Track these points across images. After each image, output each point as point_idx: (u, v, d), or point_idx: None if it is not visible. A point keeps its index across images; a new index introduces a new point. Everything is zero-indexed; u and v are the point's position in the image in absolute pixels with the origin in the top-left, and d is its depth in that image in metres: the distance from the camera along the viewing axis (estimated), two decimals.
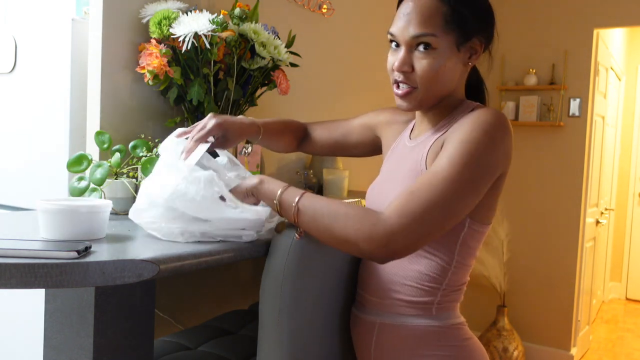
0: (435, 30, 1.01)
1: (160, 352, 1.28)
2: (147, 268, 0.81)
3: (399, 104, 1.08)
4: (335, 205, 0.95)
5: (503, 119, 1.00)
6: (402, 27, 1.03)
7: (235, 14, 1.45)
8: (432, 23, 1.01)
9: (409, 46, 1.03)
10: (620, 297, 5.47)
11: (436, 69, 1.02)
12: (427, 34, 1.01)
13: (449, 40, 1.02)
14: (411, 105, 1.07)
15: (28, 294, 1.42)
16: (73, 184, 1.22)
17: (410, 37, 1.02)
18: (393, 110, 1.30)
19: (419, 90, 1.05)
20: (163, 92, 1.45)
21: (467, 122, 1.00)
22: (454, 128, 1.03)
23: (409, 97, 1.06)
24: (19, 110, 1.51)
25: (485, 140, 0.96)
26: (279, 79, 1.54)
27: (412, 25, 1.02)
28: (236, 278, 1.85)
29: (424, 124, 1.14)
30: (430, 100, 1.07)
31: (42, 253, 0.79)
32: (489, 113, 1.00)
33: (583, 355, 3.76)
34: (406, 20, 1.03)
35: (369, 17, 2.52)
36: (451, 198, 0.93)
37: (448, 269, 1.05)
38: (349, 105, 2.41)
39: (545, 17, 3.52)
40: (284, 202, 0.98)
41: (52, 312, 1.02)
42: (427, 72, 1.02)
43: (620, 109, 5.17)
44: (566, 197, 3.48)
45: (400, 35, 1.04)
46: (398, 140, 1.22)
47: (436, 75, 1.03)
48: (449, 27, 1.01)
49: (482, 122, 0.98)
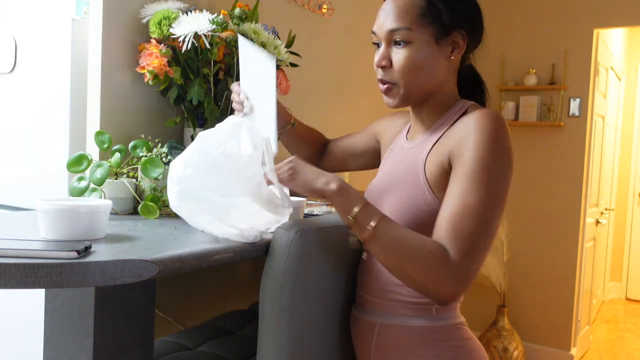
0: (410, 24, 1.04)
1: (160, 352, 1.28)
2: (147, 268, 0.81)
3: (386, 101, 1.11)
4: (409, 242, 0.94)
5: (501, 119, 1.01)
6: (381, 23, 1.08)
7: (235, 14, 1.45)
8: (407, 17, 1.04)
9: (388, 42, 1.07)
10: (620, 297, 5.47)
11: (414, 62, 1.05)
12: (402, 28, 1.04)
13: (425, 33, 1.05)
14: (395, 101, 1.09)
15: (28, 294, 1.42)
16: (73, 184, 1.22)
17: (386, 31, 1.06)
18: (391, 115, 1.34)
19: (399, 86, 1.07)
20: (163, 92, 1.45)
21: (471, 131, 0.99)
22: (453, 134, 1.03)
23: (390, 94, 1.09)
24: (19, 110, 1.51)
25: (497, 149, 0.97)
26: (279, 79, 1.54)
27: (389, 20, 1.06)
28: (236, 278, 1.85)
29: (417, 124, 1.15)
30: (414, 95, 1.08)
31: (42, 253, 0.79)
32: (488, 117, 1.00)
33: (583, 355, 3.76)
34: (384, 16, 1.07)
35: (369, 17, 2.52)
36: (492, 221, 0.96)
37: None
38: (348, 105, 2.41)
39: (545, 17, 3.52)
40: (360, 220, 0.96)
41: (52, 312, 1.02)
42: (403, 66, 1.05)
43: (620, 109, 5.17)
44: (566, 197, 3.49)
45: (379, 31, 1.08)
46: (395, 142, 1.24)
47: (414, 69, 1.05)
48: (425, 20, 1.04)
49: (488, 131, 0.98)
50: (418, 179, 1.05)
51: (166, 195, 1.27)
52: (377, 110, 2.60)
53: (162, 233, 1.07)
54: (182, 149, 1.34)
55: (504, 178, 0.98)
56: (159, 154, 1.29)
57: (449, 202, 0.96)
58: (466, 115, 1.05)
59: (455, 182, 0.98)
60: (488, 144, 0.97)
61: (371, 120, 1.40)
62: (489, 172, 0.96)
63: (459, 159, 0.99)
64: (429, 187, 1.03)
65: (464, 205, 0.95)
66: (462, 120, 1.04)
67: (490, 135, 0.97)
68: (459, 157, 0.99)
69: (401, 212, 1.05)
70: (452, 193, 0.97)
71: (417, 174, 1.05)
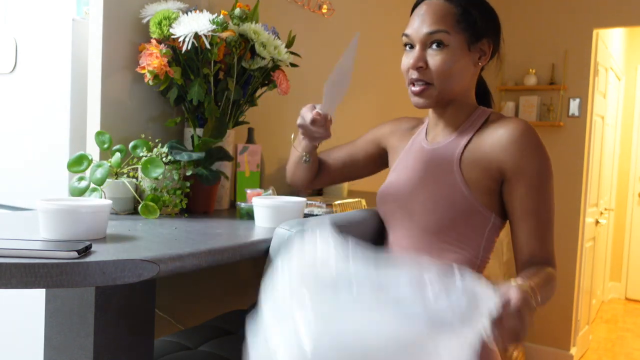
0: (448, 28, 1.09)
1: (160, 352, 1.28)
2: (147, 268, 0.81)
3: (416, 102, 1.14)
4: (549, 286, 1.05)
5: (533, 128, 1.11)
6: (417, 27, 1.11)
7: (235, 14, 1.45)
8: (444, 22, 1.09)
9: (423, 44, 1.11)
10: (620, 297, 5.47)
11: (449, 65, 1.09)
12: (440, 31, 1.09)
13: (460, 39, 1.10)
14: (427, 102, 1.13)
15: (28, 294, 1.42)
16: (73, 184, 1.22)
17: (424, 34, 1.10)
18: (393, 121, 1.36)
19: (434, 87, 1.11)
20: (163, 92, 1.45)
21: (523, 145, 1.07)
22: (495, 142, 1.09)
23: (425, 94, 1.12)
24: (19, 111, 1.51)
25: (546, 158, 1.09)
26: (279, 79, 1.54)
27: (426, 24, 1.10)
28: (236, 278, 1.85)
29: (439, 127, 1.19)
30: (444, 97, 1.13)
31: (42, 253, 0.79)
32: (530, 129, 1.09)
33: (583, 355, 3.76)
34: (420, 20, 1.11)
35: (369, 17, 2.52)
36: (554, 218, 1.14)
37: (475, 262, 1.12)
38: (348, 105, 2.41)
39: (545, 17, 3.52)
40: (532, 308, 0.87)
41: (52, 312, 1.02)
42: (441, 68, 1.09)
43: (619, 109, 5.17)
44: (566, 197, 3.49)
45: (415, 34, 1.11)
46: (410, 144, 1.26)
47: (450, 72, 1.10)
48: (460, 26, 1.09)
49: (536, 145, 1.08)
50: (453, 176, 1.10)
51: (166, 195, 1.28)
52: (377, 110, 2.60)
53: (162, 233, 1.07)
54: (182, 149, 1.34)
55: (553, 182, 1.12)
56: (159, 154, 1.29)
57: (528, 217, 1.09)
58: (498, 123, 1.12)
59: (524, 197, 1.08)
60: (541, 157, 1.08)
61: (371, 120, 1.40)
62: (547, 181, 1.10)
63: (517, 176, 1.08)
64: (465, 184, 1.09)
65: (541, 218, 1.09)
66: (496, 129, 1.10)
67: (538, 147, 1.08)
68: (516, 174, 1.08)
69: (438, 209, 1.10)
70: (527, 209, 1.08)
71: (452, 172, 1.10)
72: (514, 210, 1.09)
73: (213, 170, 1.36)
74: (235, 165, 1.57)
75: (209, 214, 1.40)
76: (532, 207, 1.08)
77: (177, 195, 1.30)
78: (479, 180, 1.09)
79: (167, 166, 1.28)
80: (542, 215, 1.09)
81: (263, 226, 1.19)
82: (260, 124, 1.80)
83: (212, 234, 1.09)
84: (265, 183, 1.78)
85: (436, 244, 1.11)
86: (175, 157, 1.30)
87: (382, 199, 1.22)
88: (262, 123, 1.83)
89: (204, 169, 1.35)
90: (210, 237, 1.04)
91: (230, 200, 1.57)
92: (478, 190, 1.09)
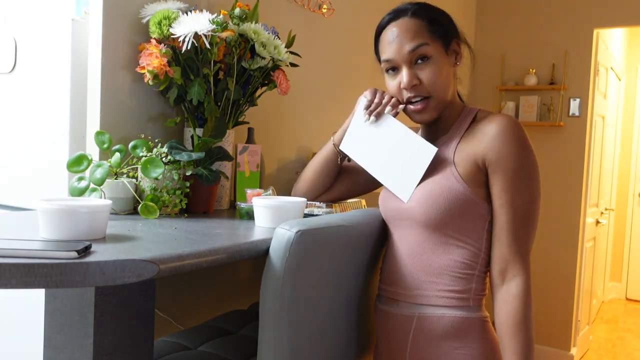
0: (426, 40, 1.15)
1: (160, 352, 1.28)
2: (147, 268, 0.81)
3: (421, 118, 1.19)
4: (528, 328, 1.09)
5: (519, 123, 1.14)
6: (397, 48, 1.15)
7: (235, 14, 1.45)
8: (421, 35, 1.15)
9: (409, 62, 1.15)
10: (620, 297, 5.47)
11: (439, 74, 1.15)
12: (421, 44, 1.14)
13: (437, 46, 1.16)
14: (431, 114, 1.18)
15: (28, 294, 1.42)
16: (73, 184, 1.22)
17: (407, 52, 1.15)
18: None
19: (432, 98, 1.16)
20: (163, 92, 1.45)
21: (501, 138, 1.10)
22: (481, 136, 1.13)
23: (428, 108, 1.17)
24: (19, 110, 1.51)
25: (526, 151, 1.11)
26: (279, 79, 1.54)
27: (405, 42, 1.15)
28: (236, 278, 1.85)
29: (432, 132, 1.25)
30: (442, 105, 1.18)
31: (42, 253, 0.79)
32: (513, 123, 1.11)
33: (583, 355, 3.76)
34: (398, 41, 1.16)
35: (369, 17, 2.52)
36: (537, 214, 1.13)
37: (479, 254, 1.15)
38: (349, 106, 2.41)
39: (545, 17, 3.52)
40: None
41: (52, 312, 1.02)
42: (433, 79, 1.14)
43: (620, 109, 5.17)
44: (566, 197, 3.48)
45: (398, 55, 1.15)
46: None
47: (441, 80, 1.15)
48: (434, 35, 1.15)
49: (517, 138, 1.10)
50: (449, 173, 1.13)
51: (166, 195, 1.28)
52: None
53: (162, 233, 1.07)
54: (182, 149, 1.34)
55: (536, 176, 1.12)
56: (159, 154, 1.29)
57: (503, 210, 1.10)
58: (485, 119, 1.15)
59: (501, 189, 1.10)
60: (522, 151, 1.10)
61: None
62: (528, 177, 1.10)
63: (497, 168, 1.10)
64: (461, 178, 1.13)
65: (517, 214, 1.10)
66: (483, 124, 1.14)
67: (519, 141, 1.10)
68: (496, 166, 1.10)
69: (437, 205, 1.12)
70: (502, 201, 1.10)
71: (447, 169, 1.14)
72: (494, 202, 1.12)
73: (213, 170, 1.36)
74: (235, 165, 1.57)
75: (209, 214, 1.40)
76: (508, 201, 1.10)
77: (176, 195, 1.30)
78: (471, 173, 1.13)
79: (166, 166, 1.28)
80: (518, 210, 1.10)
81: (263, 226, 1.19)
82: (260, 124, 1.80)
83: (212, 234, 1.09)
84: (265, 183, 1.78)
85: (439, 238, 1.14)
86: (175, 157, 1.30)
87: (384, 200, 1.26)
88: (262, 123, 1.83)
89: (204, 169, 1.35)
90: (210, 237, 1.04)
91: (230, 200, 1.57)
92: (473, 183, 1.12)
